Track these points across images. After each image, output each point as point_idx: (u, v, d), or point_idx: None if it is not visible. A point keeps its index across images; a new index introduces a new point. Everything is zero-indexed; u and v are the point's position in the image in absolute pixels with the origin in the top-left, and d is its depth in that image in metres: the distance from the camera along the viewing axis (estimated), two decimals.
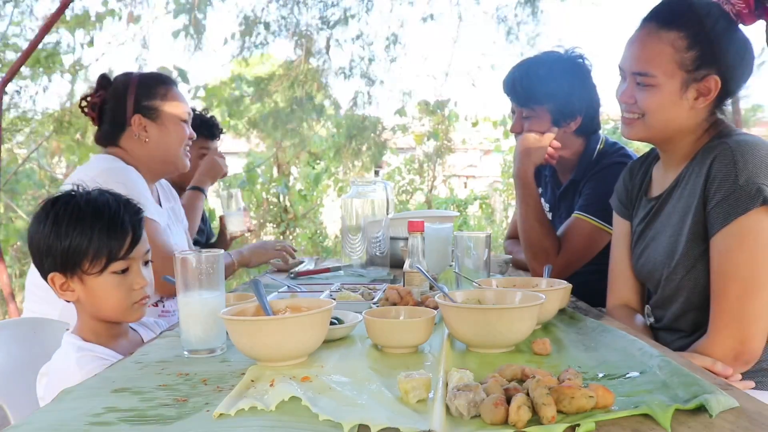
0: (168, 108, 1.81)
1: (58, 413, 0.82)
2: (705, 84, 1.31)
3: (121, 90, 1.81)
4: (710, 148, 1.31)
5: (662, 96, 1.33)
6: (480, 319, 1.04)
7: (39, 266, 1.26)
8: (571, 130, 1.94)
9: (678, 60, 1.30)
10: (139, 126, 1.79)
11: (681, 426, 0.72)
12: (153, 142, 1.80)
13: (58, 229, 1.20)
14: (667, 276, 1.37)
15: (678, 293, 1.36)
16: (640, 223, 1.50)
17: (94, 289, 1.23)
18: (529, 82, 1.90)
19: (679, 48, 1.30)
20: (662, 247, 1.39)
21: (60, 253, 1.20)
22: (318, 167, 7.47)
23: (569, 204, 2.01)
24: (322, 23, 6.14)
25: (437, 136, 7.55)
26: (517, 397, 0.74)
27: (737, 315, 1.22)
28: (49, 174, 6.62)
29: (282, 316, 1.05)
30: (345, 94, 11.58)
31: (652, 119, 1.35)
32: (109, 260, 1.22)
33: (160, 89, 1.82)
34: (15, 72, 3.95)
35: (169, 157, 1.84)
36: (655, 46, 1.32)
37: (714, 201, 1.25)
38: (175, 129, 1.83)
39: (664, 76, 1.31)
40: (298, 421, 0.76)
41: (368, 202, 1.93)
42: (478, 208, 8.46)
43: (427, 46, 16.73)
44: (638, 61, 1.35)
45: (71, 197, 1.25)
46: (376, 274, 1.90)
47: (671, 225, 1.38)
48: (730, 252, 1.23)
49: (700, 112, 1.35)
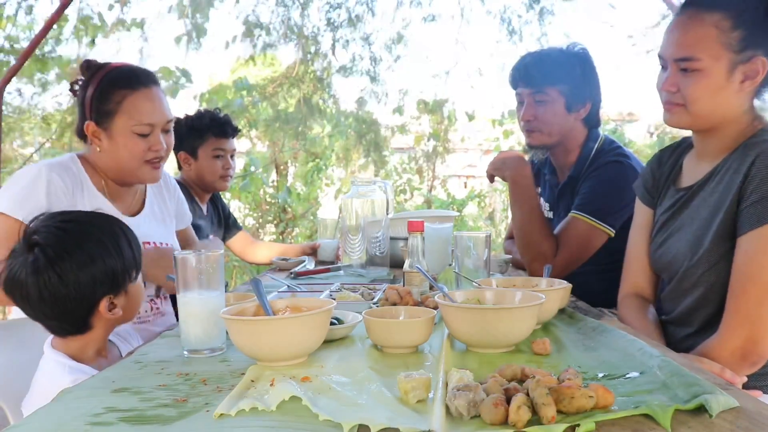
0: (120, 119, 1.57)
1: (58, 413, 0.82)
2: (752, 65, 1.27)
3: (86, 85, 1.61)
4: (753, 144, 1.28)
5: (709, 80, 1.28)
6: (480, 319, 1.04)
7: (84, 303, 1.20)
8: (580, 117, 1.96)
9: (723, 41, 1.26)
10: (91, 132, 1.60)
11: (681, 426, 0.72)
12: (105, 154, 1.61)
13: (108, 252, 1.21)
14: (687, 269, 1.35)
15: (695, 288, 1.35)
16: (665, 213, 1.47)
17: (134, 293, 1.27)
18: (544, 64, 1.94)
19: (723, 29, 1.26)
20: (687, 239, 1.37)
21: (119, 273, 1.23)
22: (313, 164, 7.47)
23: (568, 202, 2.02)
24: (327, 25, 6.15)
25: (437, 136, 7.55)
26: (517, 397, 0.74)
27: (752, 317, 1.21)
28: None
29: (282, 316, 1.05)
30: (349, 95, 11.60)
31: (696, 107, 1.31)
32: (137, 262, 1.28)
33: (115, 95, 1.57)
34: (15, 72, 3.95)
35: (125, 170, 1.62)
36: (698, 29, 1.28)
37: (750, 200, 1.23)
38: (125, 143, 1.58)
39: (710, 59, 1.27)
40: (298, 421, 0.76)
41: (368, 202, 1.94)
42: (477, 207, 8.46)
43: (429, 45, 16.73)
44: (682, 47, 1.30)
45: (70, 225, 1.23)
46: (376, 274, 1.90)
47: (699, 218, 1.35)
48: (756, 254, 1.22)
49: (746, 97, 1.31)
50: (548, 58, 1.95)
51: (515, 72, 1.99)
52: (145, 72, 1.66)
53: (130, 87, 1.59)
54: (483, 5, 6.46)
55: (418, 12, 6.37)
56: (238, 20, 6.05)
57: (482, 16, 8.38)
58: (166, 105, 1.66)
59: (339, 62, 6.46)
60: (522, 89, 1.98)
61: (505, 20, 6.25)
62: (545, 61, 1.94)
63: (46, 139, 6.49)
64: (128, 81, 1.59)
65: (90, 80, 1.61)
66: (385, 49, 6.52)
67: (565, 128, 1.96)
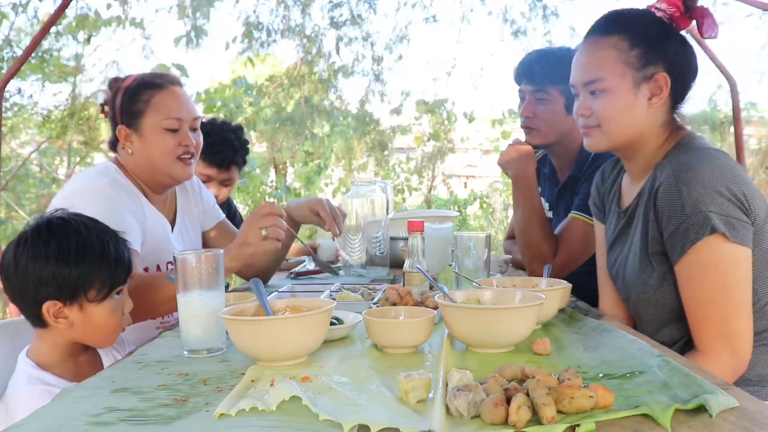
0: (149, 116, 1.63)
1: (58, 413, 0.82)
2: (655, 82, 1.31)
3: (112, 96, 1.68)
4: (661, 166, 1.29)
5: (617, 98, 1.32)
6: (480, 319, 1.04)
7: (28, 295, 1.21)
8: None
9: (624, 59, 1.31)
10: (123, 136, 1.65)
11: (681, 426, 0.72)
12: (137, 155, 1.65)
13: (66, 258, 1.19)
14: (639, 292, 1.37)
15: (650, 309, 1.36)
16: (612, 233, 1.49)
17: (92, 315, 1.23)
18: (547, 62, 1.93)
19: (622, 48, 1.32)
20: (631, 263, 1.39)
21: (67, 282, 1.19)
22: (314, 164, 7.47)
23: (567, 201, 2.02)
24: (329, 24, 6.15)
25: (437, 137, 7.55)
26: (517, 397, 0.74)
27: (725, 336, 1.22)
28: (51, 174, 6.62)
29: (282, 316, 1.05)
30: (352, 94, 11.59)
31: (610, 126, 1.34)
32: (111, 288, 1.24)
33: (143, 95, 1.63)
34: (15, 72, 3.94)
35: (157, 168, 1.66)
36: (600, 51, 1.34)
37: (668, 231, 1.25)
38: (155, 139, 1.62)
39: (614, 77, 1.32)
40: (298, 421, 0.76)
41: (368, 202, 1.93)
42: (479, 207, 8.46)
43: (430, 46, 16.72)
44: (587, 70, 1.36)
45: (67, 224, 1.24)
46: (376, 274, 1.90)
47: (636, 242, 1.36)
48: (699, 281, 1.22)
49: (657, 114, 1.34)
50: (553, 56, 1.95)
51: (519, 68, 1.99)
52: (170, 75, 1.75)
53: (157, 86, 1.65)
54: (484, 6, 6.47)
55: (420, 13, 6.38)
56: (238, 21, 6.06)
57: (483, 16, 8.39)
58: (192, 103, 1.72)
59: (342, 61, 6.46)
60: (524, 86, 1.98)
61: (508, 20, 6.26)
62: (549, 59, 1.94)
63: (44, 139, 6.49)
64: (153, 83, 1.66)
65: (117, 91, 1.67)
66: (386, 49, 6.53)
67: (563, 128, 1.96)
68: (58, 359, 1.25)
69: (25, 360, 1.25)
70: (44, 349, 1.26)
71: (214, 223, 1.94)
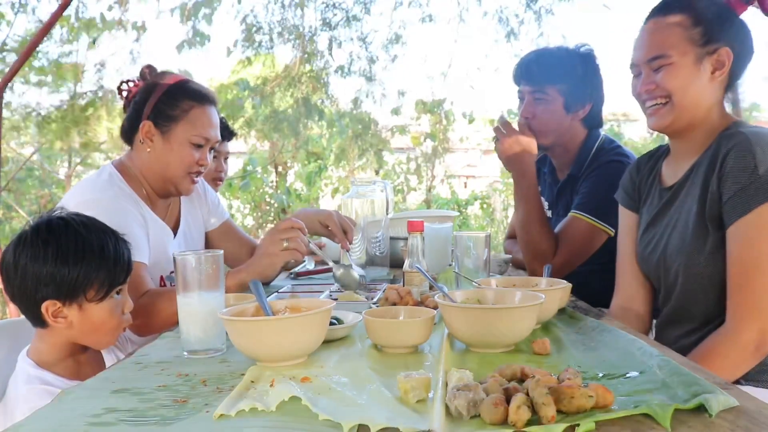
0: (182, 126, 1.64)
1: (58, 414, 0.82)
2: (718, 57, 1.35)
3: (149, 88, 1.67)
4: (727, 136, 1.33)
5: (681, 72, 1.36)
6: (480, 319, 1.04)
7: (27, 294, 1.21)
8: (579, 117, 1.96)
9: (687, 37, 1.36)
10: (146, 132, 1.64)
11: (681, 425, 0.72)
12: (154, 155, 1.65)
13: (65, 258, 1.19)
14: (683, 262, 1.37)
15: (693, 281, 1.36)
16: (652, 210, 1.50)
17: (92, 315, 1.23)
18: (546, 62, 1.94)
19: (686, 26, 1.36)
20: (679, 233, 1.39)
21: (66, 281, 1.19)
22: (314, 165, 7.47)
23: (567, 201, 2.02)
24: (323, 24, 6.14)
25: (435, 137, 7.55)
26: (517, 397, 0.74)
27: (760, 308, 1.22)
28: (52, 175, 6.62)
29: (282, 316, 1.05)
30: (346, 95, 11.60)
31: (679, 98, 1.37)
32: (110, 288, 1.24)
33: (184, 103, 1.64)
34: (15, 72, 3.95)
35: (168, 176, 1.66)
36: (664, 30, 1.38)
37: (732, 191, 1.26)
38: (179, 149, 1.64)
39: (678, 54, 1.36)
40: (298, 422, 0.76)
41: (368, 202, 1.93)
42: (479, 208, 8.47)
43: (427, 46, 16.73)
44: (651, 47, 1.39)
45: (66, 223, 1.24)
46: (376, 274, 1.90)
47: (688, 211, 1.37)
48: (751, 242, 1.23)
49: (718, 88, 1.38)
50: (551, 57, 1.95)
51: (518, 68, 1.99)
52: (212, 92, 1.75)
53: (200, 100, 1.67)
54: (480, 6, 6.47)
55: (416, 12, 6.38)
56: (236, 21, 6.06)
57: (479, 17, 8.38)
58: (219, 127, 1.74)
59: (336, 62, 6.46)
60: (523, 86, 1.98)
61: (503, 20, 6.26)
62: (547, 60, 1.94)
63: (45, 141, 6.49)
64: (198, 94, 1.67)
65: (154, 87, 1.66)
66: (382, 49, 6.53)
67: (561, 128, 1.96)
68: (57, 359, 1.26)
69: (24, 359, 1.25)
70: (44, 348, 1.26)
71: (220, 222, 1.94)
